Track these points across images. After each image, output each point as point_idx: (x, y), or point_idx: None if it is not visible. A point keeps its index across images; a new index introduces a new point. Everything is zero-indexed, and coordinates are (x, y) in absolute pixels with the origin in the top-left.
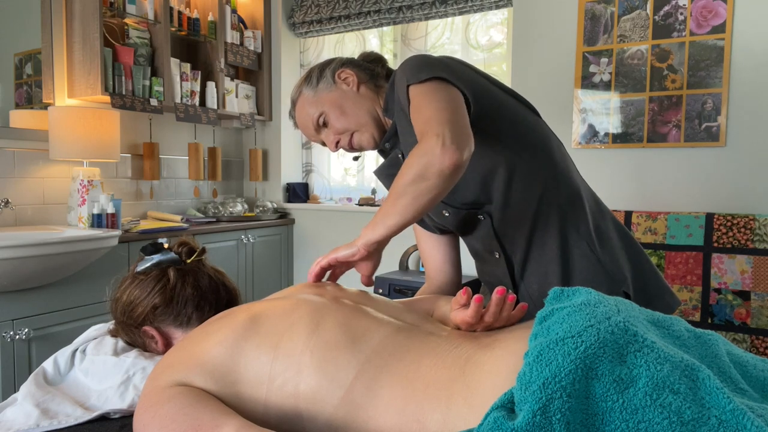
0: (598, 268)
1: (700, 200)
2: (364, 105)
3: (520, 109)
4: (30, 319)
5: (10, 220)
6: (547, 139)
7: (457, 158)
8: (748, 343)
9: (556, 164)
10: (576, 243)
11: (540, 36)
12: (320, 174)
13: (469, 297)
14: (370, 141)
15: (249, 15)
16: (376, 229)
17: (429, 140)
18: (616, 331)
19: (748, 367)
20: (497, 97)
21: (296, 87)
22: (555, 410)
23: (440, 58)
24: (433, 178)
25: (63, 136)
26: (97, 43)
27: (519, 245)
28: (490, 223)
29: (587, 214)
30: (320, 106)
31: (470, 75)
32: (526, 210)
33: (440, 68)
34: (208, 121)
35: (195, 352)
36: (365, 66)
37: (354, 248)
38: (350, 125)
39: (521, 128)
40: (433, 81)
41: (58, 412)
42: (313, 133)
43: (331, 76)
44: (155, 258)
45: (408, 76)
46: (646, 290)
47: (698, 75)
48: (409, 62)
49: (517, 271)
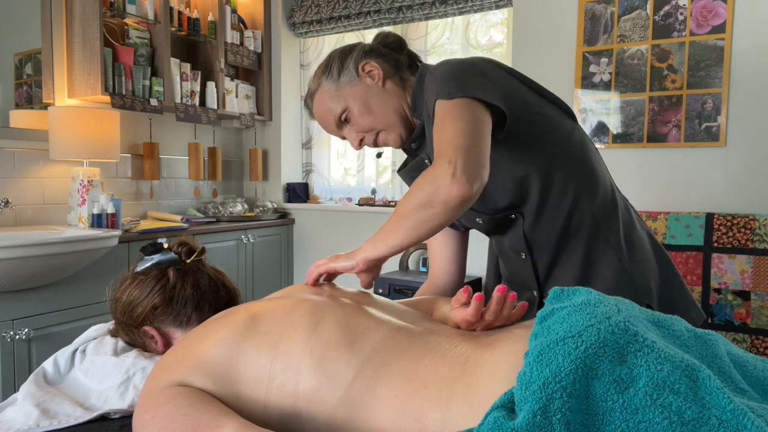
0: (623, 278)
1: (700, 200)
2: (390, 103)
3: (557, 115)
4: (30, 319)
5: (10, 220)
6: (584, 145)
7: (465, 191)
8: (748, 343)
9: (591, 172)
10: (604, 251)
11: (540, 36)
12: (320, 174)
13: (470, 295)
14: (397, 140)
15: (249, 15)
16: (377, 247)
17: (441, 166)
18: (616, 330)
19: (748, 367)
20: (534, 104)
21: (315, 77)
22: (555, 410)
23: (475, 64)
24: (439, 207)
25: (63, 136)
26: (97, 43)
27: (547, 249)
28: (522, 223)
29: (619, 223)
30: (343, 101)
31: (505, 81)
32: (558, 216)
33: (472, 82)
34: (208, 121)
35: (194, 352)
36: (389, 55)
37: (353, 262)
38: (377, 124)
39: (558, 136)
40: (463, 99)
41: (58, 412)
42: (334, 128)
43: (354, 68)
44: (155, 258)
45: (438, 88)
46: (671, 304)
47: (698, 75)
48: (441, 69)
49: (543, 274)
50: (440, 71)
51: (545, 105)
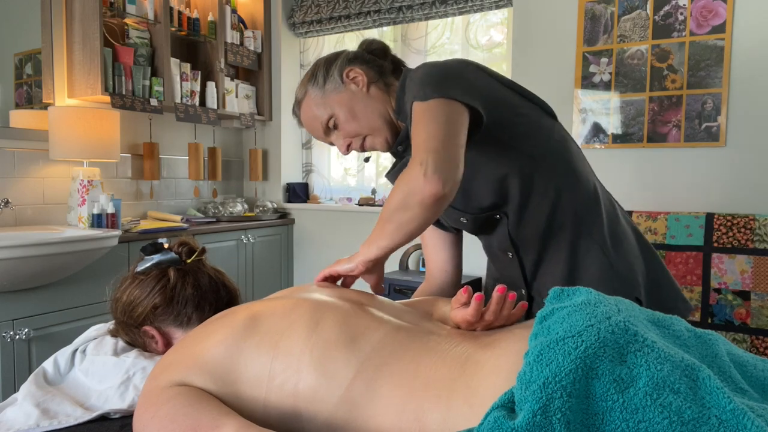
0: (609, 272)
1: (700, 200)
2: (375, 107)
3: (537, 114)
4: (30, 319)
5: (10, 220)
6: (564, 143)
7: (438, 190)
8: (748, 343)
9: (572, 170)
10: (588, 247)
11: (540, 36)
12: (320, 174)
13: (470, 295)
14: (383, 144)
15: (249, 15)
16: (371, 249)
17: (413, 168)
18: (616, 330)
19: (748, 367)
20: (513, 104)
21: (301, 85)
22: (555, 410)
23: (453, 66)
24: (416, 207)
25: (63, 136)
26: (97, 43)
27: (532, 247)
28: (506, 222)
29: (603, 218)
30: (329, 108)
31: (484, 82)
32: (541, 214)
33: (448, 83)
34: (208, 121)
35: (195, 352)
36: (373, 62)
37: (353, 264)
38: (362, 129)
39: (538, 135)
40: (438, 99)
41: (58, 412)
42: (321, 135)
43: (338, 75)
44: (155, 258)
45: (415, 90)
46: (659, 297)
47: (698, 75)
48: (419, 71)
49: (530, 271)
50: (419, 74)
51: (525, 105)
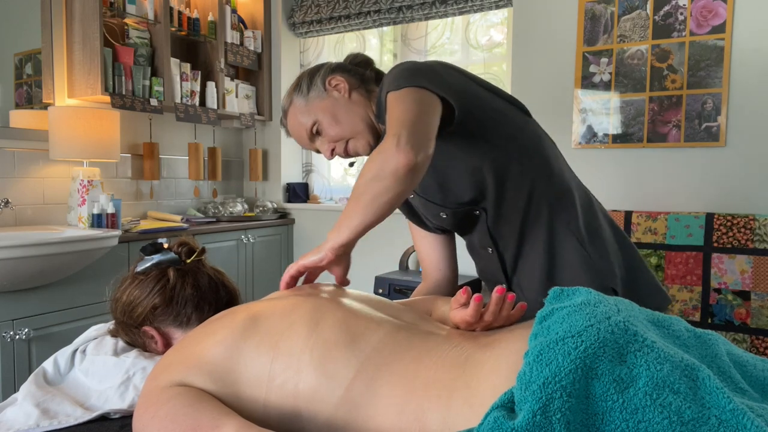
0: (587, 264)
1: (700, 200)
2: (357, 112)
3: (509, 110)
4: (30, 319)
5: (10, 220)
6: (537, 138)
7: (410, 159)
8: (748, 343)
9: (546, 163)
10: (565, 238)
11: (540, 36)
12: (320, 174)
13: (469, 296)
14: (365, 147)
15: (249, 15)
16: (341, 232)
17: (387, 140)
18: (616, 330)
19: (748, 367)
20: (485, 100)
21: (286, 95)
22: (555, 410)
23: (428, 64)
24: (389, 177)
25: (63, 136)
26: (97, 43)
27: (510, 241)
28: (485, 218)
29: (577, 210)
30: (313, 114)
31: (457, 79)
32: (517, 207)
33: (421, 76)
34: (208, 121)
35: (194, 352)
36: (354, 70)
37: (321, 253)
38: (344, 133)
39: (510, 129)
40: (410, 88)
41: (58, 412)
42: (307, 141)
43: (321, 83)
44: (155, 258)
45: (389, 85)
46: (636, 289)
47: (698, 75)
48: (394, 70)
49: (509, 266)
50: (393, 72)
51: (497, 101)
